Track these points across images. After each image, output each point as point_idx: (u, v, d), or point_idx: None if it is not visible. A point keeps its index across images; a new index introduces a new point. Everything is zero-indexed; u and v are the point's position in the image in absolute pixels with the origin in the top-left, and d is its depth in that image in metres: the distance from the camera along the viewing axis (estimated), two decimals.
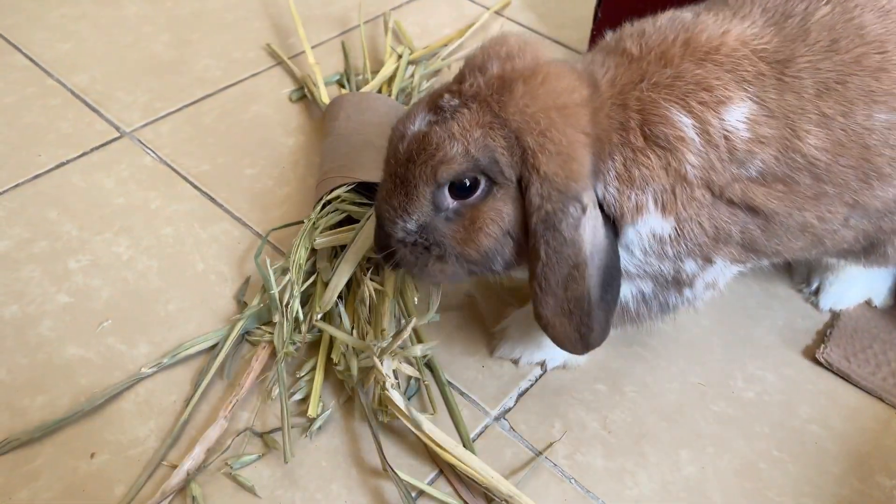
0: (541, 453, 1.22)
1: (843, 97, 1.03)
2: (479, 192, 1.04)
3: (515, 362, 1.33)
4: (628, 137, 1.03)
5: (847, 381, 1.32)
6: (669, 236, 1.07)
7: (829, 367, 1.33)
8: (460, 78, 1.07)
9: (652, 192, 1.04)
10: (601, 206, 1.05)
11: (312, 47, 1.97)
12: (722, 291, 1.20)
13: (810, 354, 1.36)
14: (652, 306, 1.17)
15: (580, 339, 1.08)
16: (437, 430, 1.17)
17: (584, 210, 1.01)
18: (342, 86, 1.88)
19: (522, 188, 1.02)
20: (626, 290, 1.15)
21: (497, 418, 1.27)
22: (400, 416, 1.18)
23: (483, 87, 1.03)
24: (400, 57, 1.90)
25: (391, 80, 1.84)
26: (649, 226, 1.06)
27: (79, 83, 1.86)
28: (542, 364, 1.32)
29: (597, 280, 1.04)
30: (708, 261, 1.12)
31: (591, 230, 1.02)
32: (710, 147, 1.02)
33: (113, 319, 1.38)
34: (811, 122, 1.03)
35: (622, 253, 1.08)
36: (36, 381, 1.28)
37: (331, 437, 1.23)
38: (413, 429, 1.17)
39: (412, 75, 1.87)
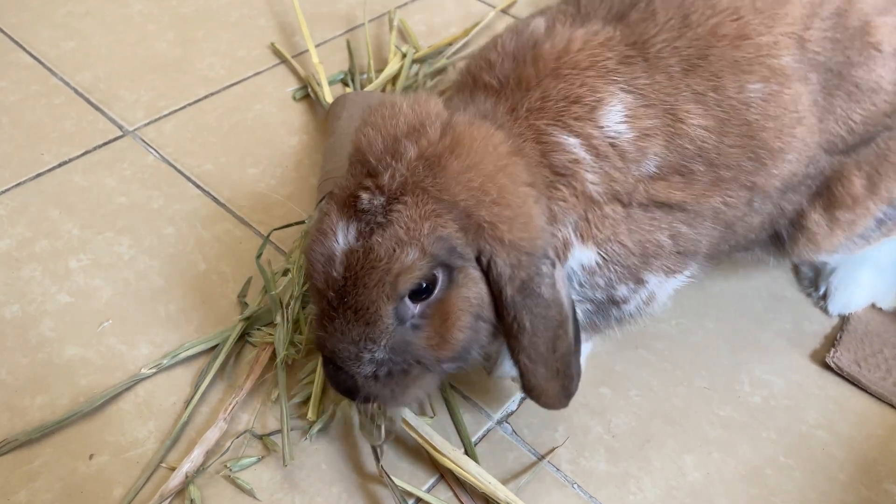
0: (543, 458, 1.20)
1: (708, 72, 0.99)
2: (439, 285, 0.94)
3: (515, 380, 1.30)
4: (542, 173, 0.99)
5: (857, 386, 1.30)
6: (597, 264, 1.03)
7: (838, 372, 1.31)
8: (368, 171, 0.94)
9: (572, 224, 1.00)
10: None
11: (316, 46, 1.96)
12: (666, 303, 1.17)
13: (818, 359, 1.34)
14: (604, 316, 1.14)
15: (563, 392, 1.04)
16: (435, 435, 1.16)
17: (553, 265, 0.96)
18: (346, 84, 1.86)
19: (483, 264, 0.94)
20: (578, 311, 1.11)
21: (499, 422, 1.25)
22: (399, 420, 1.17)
23: (407, 173, 0.92)
24: (404, 56, 1.89)
25: (395, 78, 1.83)
26: (577, 259, 1.03)
27: (82, 81, 1.86)
28: None
29: (573, 329, 1.00)
30: (640, 282, 1.08)
31: (563, 282, 0.98)
32: (601, 160, 0.99)
33: (113, 319, 1.37)
34: (688, 101, 0.99)
35: None
36: (36, 381, 1.27)
37: (331, 439, 1.22)
38: (412, 433, 1.16)
39: (417, 74, 1.86)
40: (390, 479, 1.12)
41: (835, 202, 1.14)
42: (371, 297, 0.91)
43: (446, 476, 1.17)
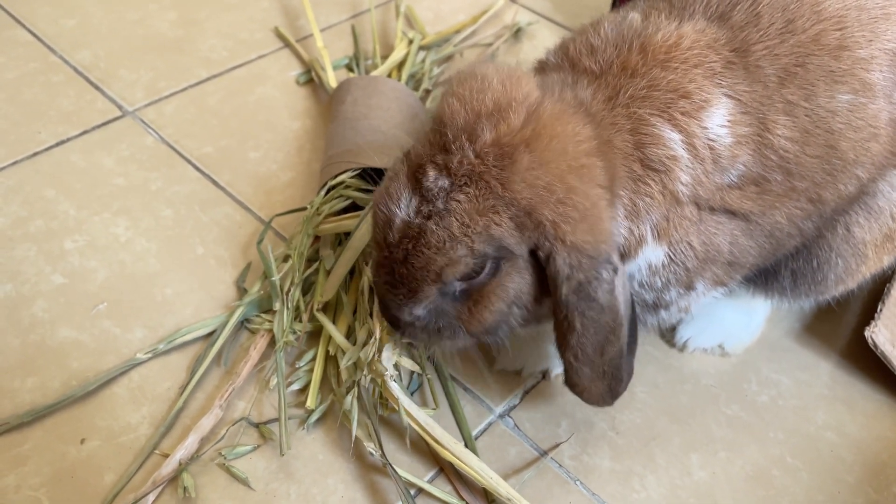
0: (546, 453, 1.18)
1: (804, 80, 0.98)
2: (486, 271, 0.95)
3: (518, 373, 1.27)
4: (630, 167, 0.96)
5: (888, 367, 1.24)
6: (662, 263, 1.02)
7: (873, 348, 1.24)
8: (444, 145, 0.93)
9: (651, 222, 0.98)
10: None
11: (321, 30, 1.92)
12: (691, 314, 1.17)
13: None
14: (640, 321, 1.11)
15: (609, 392, 1.04)
16: (437, 427, 1.13)
17: (615, 271, 0.94)
18: (351, 70, 1.83)
19: (541, 258, 0.93)
20: None
21: (501, 416, 1.23)
22: (399, 411, 1.14)
23: (475, 161, 0.90)
24: (411, 42, 1.86)
25: (401, 65, 1.80)
26: (646, 257, 1.01)
27: (82, 60, 1.82)
28: (546, 373, 1.27)
29: (627, 334, 0.99)
30: (689, 288, 1.06)
31: (622, 288, 0.96)
32: (696, 161, 0.97)
33: (108, 302, 1.34)
34: (779, 112, 0.98)
35: None
36: (27, 363, 1.24)
37: (329, 429, 1.19)
38: (412, 424, 1.13)
39: (423, 61, 1.83)
40: (393, 469, 1.09)
41: None
42: (416, 275, 0.95)
43: (446, 469, 1.14)
